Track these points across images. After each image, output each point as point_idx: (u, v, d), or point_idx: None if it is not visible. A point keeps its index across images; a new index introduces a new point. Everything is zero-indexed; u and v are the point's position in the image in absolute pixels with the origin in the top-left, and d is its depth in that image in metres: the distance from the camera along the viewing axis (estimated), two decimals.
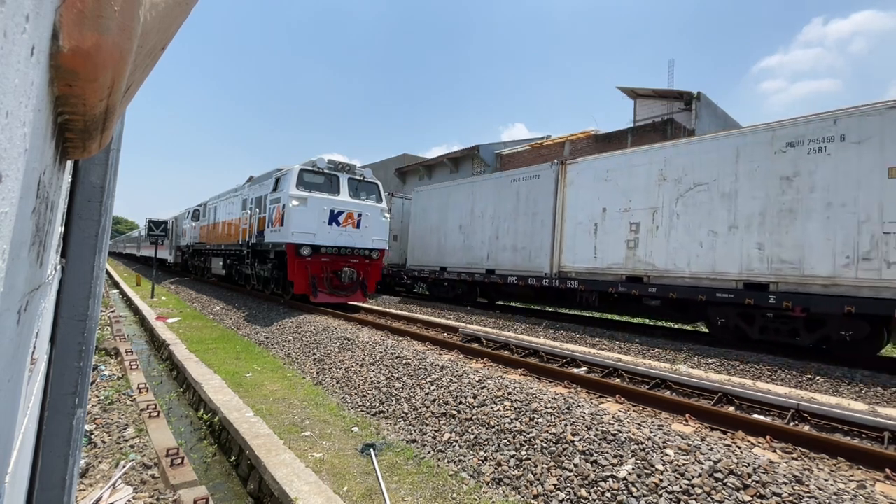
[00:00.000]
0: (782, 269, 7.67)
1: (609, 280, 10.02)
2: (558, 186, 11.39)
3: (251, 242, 12.44)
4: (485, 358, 6.44)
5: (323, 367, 6.63)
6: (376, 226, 11.37)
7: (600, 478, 3.25)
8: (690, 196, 8.89)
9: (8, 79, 0.39)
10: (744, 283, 8.10)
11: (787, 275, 7.61)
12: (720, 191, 8.47)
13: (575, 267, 10.82)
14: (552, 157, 20.31)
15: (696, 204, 8.80)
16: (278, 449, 3.92)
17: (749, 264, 8.04)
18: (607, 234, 10.22)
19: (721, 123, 19.89)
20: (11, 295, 0.55)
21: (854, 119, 7.15)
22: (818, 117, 7.51)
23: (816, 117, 7.53)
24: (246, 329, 9.71)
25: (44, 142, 0.62)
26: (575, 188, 11.05)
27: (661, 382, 5.62)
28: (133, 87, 0.82)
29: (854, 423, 4.29)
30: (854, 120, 7.15)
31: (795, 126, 7.70)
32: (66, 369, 1.29)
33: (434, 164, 26.06)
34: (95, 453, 3.92)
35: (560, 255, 11.17)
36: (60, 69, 0.55)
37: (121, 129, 1.43)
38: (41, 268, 0.83)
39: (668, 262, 9.10)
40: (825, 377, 6.53)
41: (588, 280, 10.41)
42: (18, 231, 0.53)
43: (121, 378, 6.20)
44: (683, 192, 8.99)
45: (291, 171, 10.49)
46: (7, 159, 0.42)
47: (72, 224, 1.29)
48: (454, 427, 4.35)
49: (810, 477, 2.98)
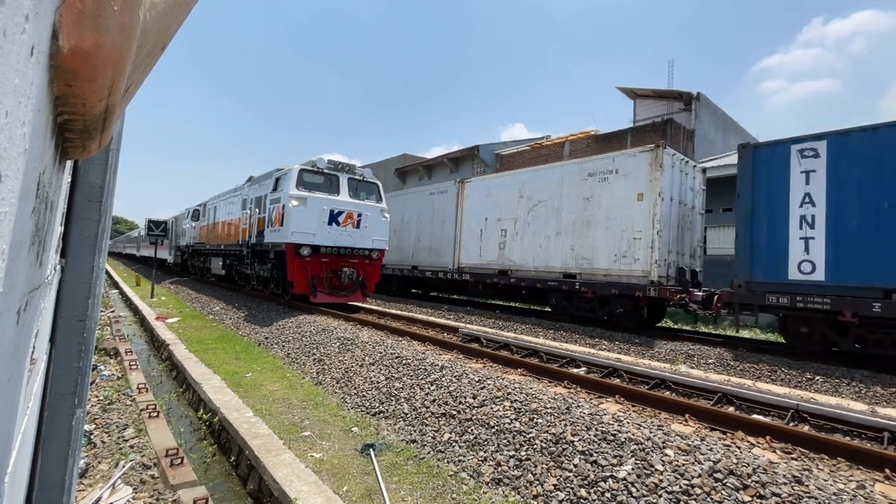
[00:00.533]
0: (583, 264, 10.61)
1: (488, 273, 13.08)
2: (458, 200, 14.43)
3: (251, 242, 12.43)
4: (484, 358, 6.44)
5: (323, 367, 6.63)
6: (376, 226, 11.37)
7: (600, 478, 3.25)
8: (535, 210, 11.90)
9: (7, 79, 0.39)
10: (563, 273, 11.03)
11: (586, 268, 10.55)
12: (552, 206, 11.47)
13: (468, 263, 13.89)
14: (552, 157, 20.32)
15: (538, 216, 11.80)
16: (278, 449, 3.92)
17: (566, 260, 11.00)
18: (487, 238, 13.25)
19: (721, 123, 19.90)
20: (11, 295, 0.55)
21: (623, 158, 10.09)
22: (606, 157, 10.58)
23: (604, 157, 10.63)
24: (246, 329, 9.71)
25: (43, 142, 0.62)
26: (469, 202, 14.13)
27: (660, 382, 5.62)
28: (133, 86, 0.82)
29: (853, 423, 4.30)
30: (623, 159, 10.07)
31: (594, 162, 10.74)
32: (66, 369, 1.29)
33: (434, 164, 26.07)
34: (95, 453, 3.91)
35: (459, 254, 14.27)
36: (60, 69, 0.55)
37: (120, 129, 1.43)
38: (41, 268, 0.83)
39: (522, 259, 12.08)
40: (825, 377, 6.54)
41: (475, 273, 13.49)
42: (18, 231, 0.53)
43: (120, 378, 6.20)
44: (532, 207, 11.99)
45: (291, 171, 10.49)
46: (7, 159, 0.42)
47: (71, 224, 1.28)
48: (454, 427, 4.35)
49: (810, 477, 2.98)
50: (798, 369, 6.84)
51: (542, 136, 25.64)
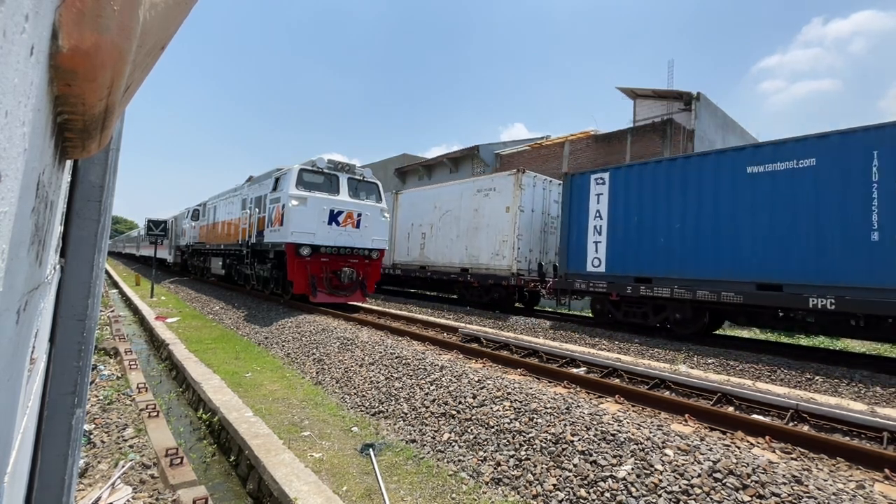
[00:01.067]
0: (473, 261, 13.61)
1: (413, 268, 16.14)
2: (394, 208, 16.90)
3: (251, 242, 12.43)
4: (484, 358, 6.44)
5: (322, 367, 6.63)
6: (376, 226, 11.37)
7: (600, 478, 3.25)
8: (444, 218, 14.84)
9: (7, 78, 0.39)
10: (461, 268, 14.02)
11: (474, 264, 13.57)
12: (454, 215, 14.44)
13: (400, 261, 16.81)
14: (552, 157, 20.31)
15: (446, 223, 14.74)
16: (278, 449, 3.92)
17: (462, 258, 13.99)
18: (413, 240, 16.16)
19: (721, 123, 19.89)
20: (11, 294, 0.55)
21: (499, 179, 13.23)
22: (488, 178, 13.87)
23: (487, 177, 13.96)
24: (245, 329, 9.71)
25: (43, 141, 0.62)
26: (401, 210, 16.93)
27: (660, 382, 5.62)
28: (133, 86, 0.82)
29: (853, 423, 4.30)
30: (499, 179, 13.21)
31: (482, 181, 13.91)
32: (66, 369, 1.29)
33: (434, 164, 26.05)
34: (95, 453, 3.91)
35: (394, 253, 16.93)
36: (60, 69, 0.55)
37: (120, 129, 1.43)
38: (40, 267, 0.83)
39: (436, 257, 15.03)
40: (824, 377, 6.54)
41: (405, 269, 16.54)
42: (17, 231, 0.53)
43: (120, 378, 6.20)
44: (442, 215, 14.92)
45: (291, 171, 10.48)
46: (6, 159, 0.42)
47: (71, 223, 1.28)
48: (454, 427, 4.35)
49: (809, 477, 2.98)
50: (798, 369, 6.85)
51: (542, 135, 25.61)
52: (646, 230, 9.49)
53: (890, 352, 9.96)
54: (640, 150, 17.02)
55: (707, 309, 8.92)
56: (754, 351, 8.06)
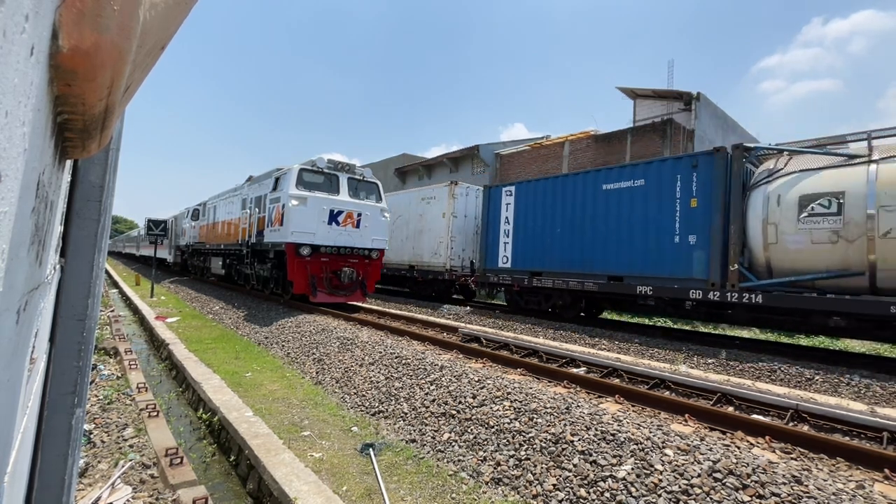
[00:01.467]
0: (418, 259, 15.78)
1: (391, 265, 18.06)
2: None
3: (251, 242, 12.43)
4: (484, 358, 6.44)
5: (322, 367, 6.63)
6: (376, 225, 11.37)
7: (599, 478, 3.25)
8: (398, 221, 16.69)
9: (7, 78, 0.40)
10: (409, 265, 16.19)
11: (419, 261, 15.71)
12: (405, 220, 16.60)
13: None
14: (552, 157, 20.32)
15: (399, 226, 16.68)
16: (277, 448, 3.92)
17: (410, 257, 16.15)
18: None
19: (721, 123, 19.89)
20: (11, 294, 0.55)
21: (438, 189, 15.45)
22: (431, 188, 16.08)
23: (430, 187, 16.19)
24: (245, 329, 9.71)
25: (43, 141, 0.62)
26: None
27: (660, 382, 5.62)
28: (132, 86, 0.82)
29: (853, 423, 4.30)
30: (438, 190, 15.44)
31: (426, 190, 16.21)
32: (66, 368, 1.29)
33: (434, 164, 26.07)
34: (94, 453, 3.91)
35: None
36: (60, 69, 0.55)
37: (120, 129, 1.43)
38: (40, 267, 0.83)
39: (390, 255, 16.08)
40: (824, 377, 6.54)
41: None
42: (18, 230, 0.53)
43: (120, 377, 6.20)
44: (396, 219, 16.55)
45: (291, 171, 10.48)
46: (6, 159, 0.42)
47: (71, 223, 1.28)
48: (453, 427, 4.35)
49: (809, 477, 2.98)
50: (797, 369, 6.85)
51: (542, 135, 25.62)
52: (538, 233, 11.77)
53: (890, 352, 9.97)
54: (640, 150, 17.01)
55: (581, 296, 11.08)
56: (754, 351, 8.07)
